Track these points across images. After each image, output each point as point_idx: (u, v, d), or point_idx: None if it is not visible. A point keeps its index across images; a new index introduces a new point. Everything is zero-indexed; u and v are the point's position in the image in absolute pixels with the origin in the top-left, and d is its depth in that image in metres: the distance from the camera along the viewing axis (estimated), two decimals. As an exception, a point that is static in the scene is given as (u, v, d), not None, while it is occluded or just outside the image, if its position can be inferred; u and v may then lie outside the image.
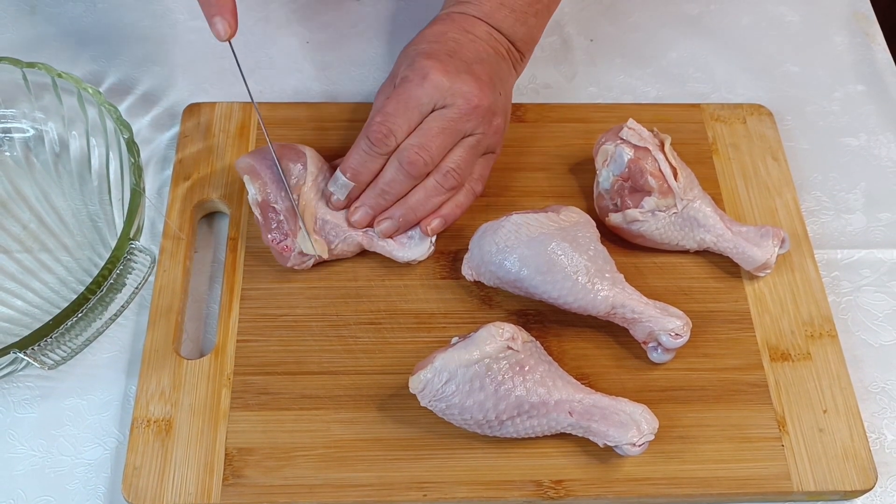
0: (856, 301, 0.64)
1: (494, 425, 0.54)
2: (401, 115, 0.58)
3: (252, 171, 0.60)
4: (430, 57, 0.59)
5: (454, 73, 0.58)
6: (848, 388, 0.59)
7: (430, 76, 0.58)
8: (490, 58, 0.61)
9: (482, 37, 0.62)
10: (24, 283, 0.62)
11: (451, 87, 0.58)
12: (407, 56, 0.61)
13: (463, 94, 0.58)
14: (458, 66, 0.59)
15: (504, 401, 0.53)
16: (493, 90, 0.60)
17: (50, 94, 0.64)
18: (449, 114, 0.58)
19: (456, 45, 0.60)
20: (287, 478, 0.54)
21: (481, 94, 0.59)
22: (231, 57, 0.75)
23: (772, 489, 0.55)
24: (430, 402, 0.54)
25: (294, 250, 0.59)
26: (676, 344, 0.57)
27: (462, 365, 0.53)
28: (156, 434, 0.55)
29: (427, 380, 0.53)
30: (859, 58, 0.77)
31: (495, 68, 0.61)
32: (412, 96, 0.58)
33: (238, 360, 0.58)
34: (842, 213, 0.68)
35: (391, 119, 0.58)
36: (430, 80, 0.58)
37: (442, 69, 0.58)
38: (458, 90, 0.58)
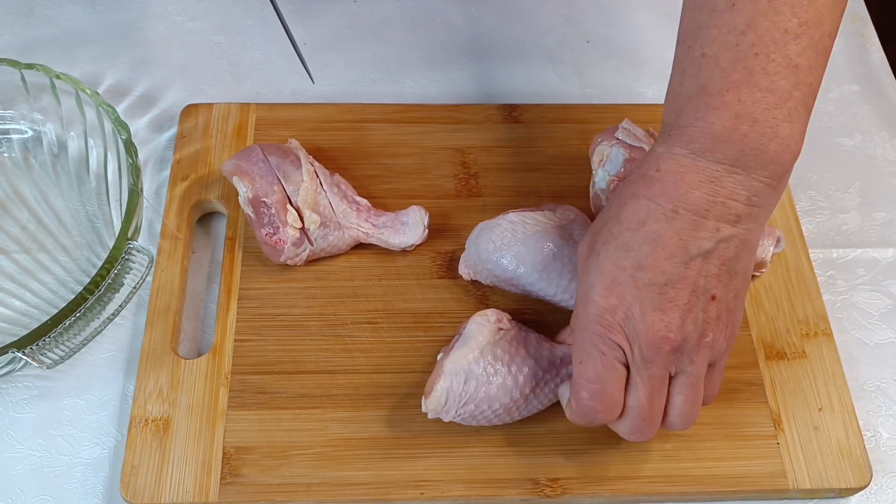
0: (851, 300, 0.64)
1: (521, 404, 0.54)
2: (609, 379, 0.49)
3: (239, 170, 0.61)
4: (610, 293, 0.48)
5: (639, 315, 0.47)
6: (843, 387, 0.59)
7: (611, 324, 0.48)
8: (701, 251, 0.47)
9: (698, 206, 0.46)
10: (22, 284, 0.62)
11: (636, 335, 0.47)
12: (587, 264, 0.49)
13: (651, 342, 0.47)
14: (645, 300, 0.47)
15: (521, 374, 0.54)
16: (690, 313, 0.47)
17: (48, 95, 0.65)
18: (646, 371, 0.48)
19: (650, 252, 0.47)
20: (285, 477, 0.54)
21: (673, 329, 0.47)
22: (228, 58, 0.75)
23: (767, 487, 0.55)
24: (457, 411, 0.53)
25: (287, 242, 0.60)
26: None
27: (471, 360, 0.53)
28: (154, 433, 0.55)
29: (447, 388, 0.53)
30: (854, 58, 0.77)
31: (705, 266, 0.47)
32: (604, 352, 0.48)
33: (236, 359, 0.58)
34: (837, 212, 0.68)
35: (602, 389, 0.49)
36: (612, 330, 0.48)
37: (623, 312, 0.47)
38: (645, 337, 0.47)
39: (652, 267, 0.47)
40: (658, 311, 0.47)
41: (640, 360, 0.48)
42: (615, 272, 0.48)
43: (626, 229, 0.48)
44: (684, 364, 0.49)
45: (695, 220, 0.47)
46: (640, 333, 0.47)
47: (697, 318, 0.48)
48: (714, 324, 0.48)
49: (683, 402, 0.50)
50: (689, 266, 0.47)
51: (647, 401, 0.49)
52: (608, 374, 0.49)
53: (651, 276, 0.47)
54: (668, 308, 0.47)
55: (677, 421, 0.51)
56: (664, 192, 0.47)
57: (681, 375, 0.49)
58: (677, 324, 0.47)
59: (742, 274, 0.49)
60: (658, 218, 0.47)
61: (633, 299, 0.47)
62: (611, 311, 0.48)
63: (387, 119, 0.69)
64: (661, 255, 0.47)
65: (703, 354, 0.49)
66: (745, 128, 0.46)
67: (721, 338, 0.49)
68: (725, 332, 0.49)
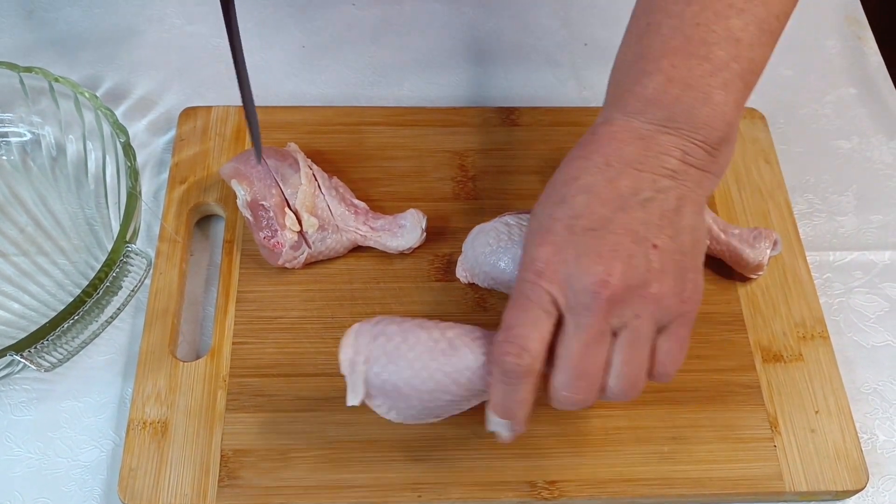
0: (848, 303, 0.64)
1: None
2: (525, 324, 0.46)
3: (237, 173, 0.61)
4: (544, 242, 0.46)
5: (573, 259, 0.45)
6: (840, 389, 0.59)
7: (541, 271, 0.45)
8: (639, 199, 0.46)
9: (631, 159, 0.46)
10: (20, 287, 0.62)
11: (569, 280, 0.45)
12: (528, 230, 0.49)
13: (586, 286, 0.44)
14: (580, 244, 0.45)
15: None
16: (630, 258, 0.45)
17: (47, 98, 0.65)
18: (582, 320, 0.45)
19: (585, 201, 0.46)
20: (283, 479, 0.54)
21: (613, 274, 0.44)
22: (226, 61, 0.75)
23: (764, 489, 0.55)
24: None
25: (285, 245, 0.60)
26: None
27: None
28: (152, 436, 0.55)
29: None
30: (851, 61, 0.78)
31: (644, 214, 0.46)
32: (530, 299, 0.46)
33: (234, 362, 0.58)
34: (834, 215, 0.69)
35: (515, 332, 0.46)
36: (543, 277, 0.45)
37: (556, 258, 0.45)
38: (580, 281, 0.45)
39: (587, 214, 0.46)
40: (595, 255, 0.45)
41: (576, 306, 0.45)
42: (550, 223, 0.47)
43: (562, 186, 0.48)
44: (627, 317, 0.45)
45: (629, 171, 0.46)
46: (575, 277, 0.45)
47: (639, 265, 0.45)
48: (658, 275, 0.45)
49: (623, 362, 0.46)
50: (628, 212, 0.46)
51: (581, 350, 0.45)
52: (525, 317, 0.46)
53: (587, 223, 0.46)
54: (605, 252, 0.45)
55: (615, 383, 0.46)
56: (597, 150, 0.47)
57: (623, 331, 0.46)
58: (618, 269, 0.45)
59: (690, 233, 0.47)
60: (591, 171, 0.47)
61: (568, 245, 0.45)
62: (543, 259, 0.46)
63: (385, 122, 0.69)
64: (595, 203, 0.46)
65: (649, 309, 0.45)
66: (676, 91, 0.47)
67: (670, 294, 0.45)
68: (675, 288, 0.46)
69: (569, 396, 0.47)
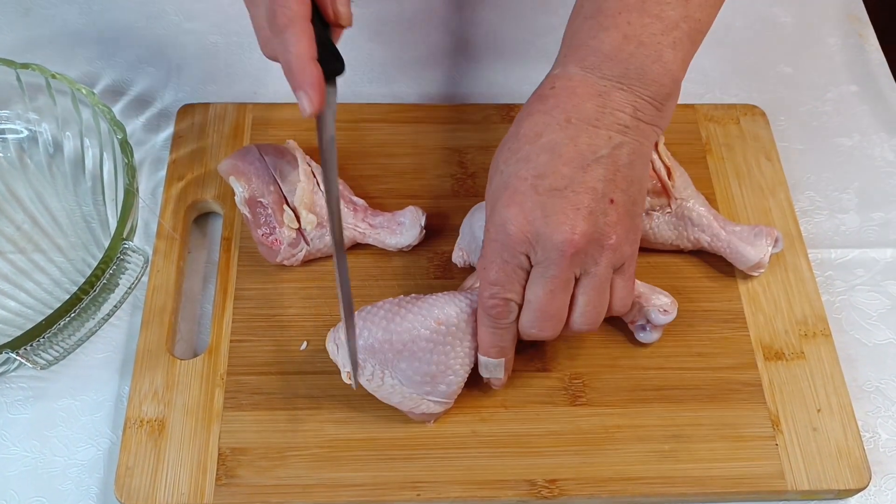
0: (849, 300, 0.64)
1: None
2: (507, 282, 0.51)
3: (235, 169, 0.61)
4: (511, 202, 0.50)
5: (541, 219, 0.49)
6: (842, 388, 0.59)
7: (512, 233, 0.50)
8: (597, 157, 0.50)
9: (589, 116, 0.50)
10: (17, 284, 0.62)
11: (538, 239, 0.50)
12: (492, 184, 0.52)
13: (554, 244, 0.49)
14: (546, 204, 0.49)
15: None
16: (591, 215, 0.50)
17: (44, 95, 0.64)
18: (549, 272, 0.50)
19: (548, 161, 0.50)
20: (280, 478, 0.54)
21: (577, 232, 0.49)
22: (224, 58, 0.74)
23: (766, 488, 0.55)
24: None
25: (283, 242, 0.59)
26: (665, 320, 0.57)
27: None
28: (149, 434, 0.55)
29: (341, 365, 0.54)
30: (852, 58, 0.77)
31: (602, 171, 0.50)
32: (506, 259, 0.51)
33: (231, 360, 0.58)
34: (835, 212, 0.68)
35: (500, 290, 0.51)
36: (514, 238, 0.50)
37: (524, 218, 0.50)
38: (548, 240, 0.49)
39: (551, 174, 0.50)
40: (560, 215, 0.49)
41: (544, 260, 0.50)
42: (516, 183, 0.50)
43: (525, 143, 0.51)
44: (589, 266, 0.51)
45: (587, 129, 0.50)
46: (544, 236, 0.49)
47: (598, 220, 0.50)
48: (615, 227, 0.51)
49: (587, 302, 0.52)
50: (587, 171, 0.50)
51: (548, 297, 0.51)
52: (507, 278, 0.51)
53: (551, 182, 0.49)
54: (569, 211, 0.49)
55: (580, 320, 0.53)
56: (558, 105, 0.51)
57: (585, 277, 0.51)
58: (581, 227, 0.49)
59: (638, 182, 0.52)
60: (553, 129, 0.50)
61: (535, 205, 0.49)
62: (513, 220, 0.50)
63: (384, 119, 0.69)
64: (558, 162, 0.50)
65: (607, 257, 0.51)
66: (631, 48, 0.50)
67: (624, 242, 0.51)
68: (628, 236, 0.52)
69: (536, 333, 0.53)
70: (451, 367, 0.54)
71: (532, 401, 0.57)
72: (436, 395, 0.54)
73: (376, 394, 0.54)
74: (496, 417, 0.56)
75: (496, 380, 0.56)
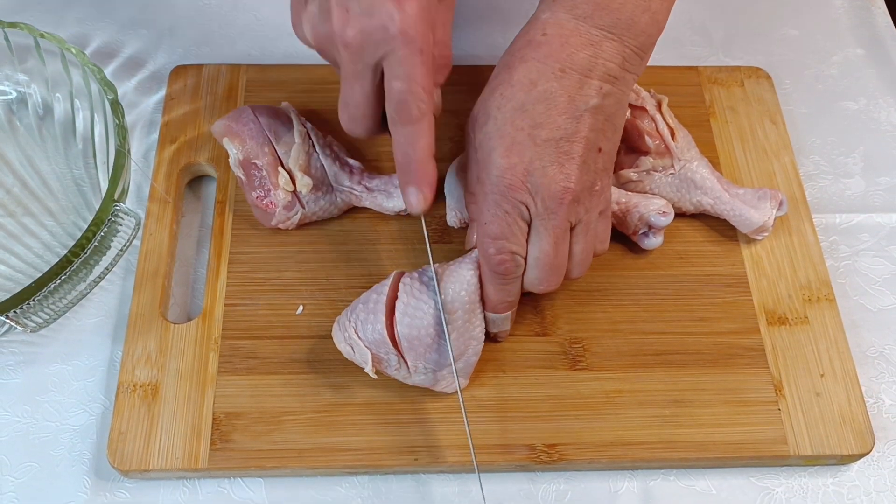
0: (854, 265, 0.63)
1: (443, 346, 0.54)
2: (510, 234, 0.51)
3: (229, 131, 0.59)
4: (510, 152, 0.50)
5: (539, 170, 0.50)
6: (845, 353, 0.58)
7: (512, 183, 0.50)
8: (588, 106, 0.50)
9: (582, 66, 0.50)
10: (7, 248, 0.60)
11: (537, 189, 0.50)
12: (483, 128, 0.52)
13: (553, 194, 0.50)
14: (543, 154, 0.50)
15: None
16: (584, 164, 0.51)
17: (33, 56, 0.63)
18: (550, 222, 0.51)
19: (545, 111, 0.50)
20: (276, 442, 0.53)
21: (573, 181, 0.50)
22: (218, 19, 0.73)
23: (768, 453, 0.54)
24: None
25: (278, 205, 0.58)
26: (665, 221, 0.58)
27: None
28: (142, 399, 0.54)
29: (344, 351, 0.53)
30: (858, 21, 0.76)
31: (592, 120, 0.50)
32: (507, 210, 0.51)
33: (226, 324, 0.57)
34: (840, 177, 0.67)
35: (505, 244, 0.51)
36: (514, 188, 0.50)
37: (523, 169, 0.50)
38: (547, 190, 0.50)
39: (548, 124, 0.50)
40: (557, 165, 0.50)
41: (543, 211, 0.51)
42: (514, 133, 0.50)
43: (519, 91, 0.50)
44: (581, 214, 0.52)
45: (580, 78, 0.50)
46: (542, 186, 0.50)
47: (590, 168, 0.51)
48: (602, 174, 0.52)
49: (582, 250, 0.53)
50: (580, 120, 0.50)
51: (553, 249, 0.52)
52: (510, 230, 0.51)
53: (548, 133, 0.50)
54: (565, 161, 0.50)
55: (576, 268, 0.54)
56: (552, 54, 0.50)
57: (578, 225, 0.52)
58: (576, 175, 0.50)
59: (619, 130, 0.53)
60: (548, 78, 0.50)
61: (533, 156, 0.50)
62: (511, 170, 0.50)
63: (381, 81, 0.67)
64: (554, 112, 0.50)
65: (595, 203, 0.52)
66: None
67: (607, 187, 0.53)
68: (610, 182, 0.54)
69: (544, 287, 0.53)
70: (474, 337, 0.54)
71: (532, 365, 0.56)
72: (465, 367, 0.54)
73: (405, 380, 0.54)
74: (495, 382, 0.56)
75: (503, 332, 0.56)
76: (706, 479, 0.55)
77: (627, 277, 0.60)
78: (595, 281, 0.59)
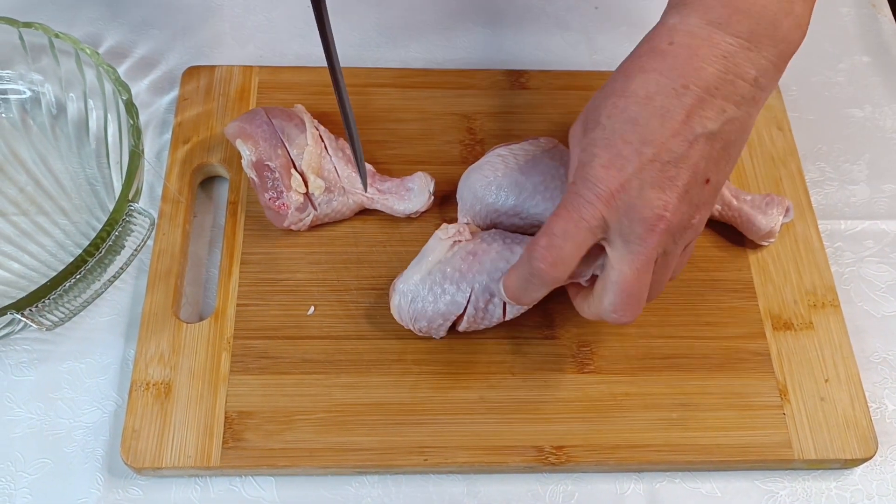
0: (858, 272, 0.64)
1: (482, 315, 0.55)
2: (570, 242, 0.47)
3: (243, 132, 0.60)
4: (611, 165, 0.46)
5: (637, 189, 0.45)
6: (850, 358, 0.58)
7: (602, 194, 0.46)
8: (706, 131, 0.45)
9: (708, 84, 0.45)
10: (20, 246, 0.61)
11: (628, 209, 0.46)
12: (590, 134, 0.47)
13: (644, 218, 0.46)
14: (645, 175, 0.45)
15: (471, 290, 0.54)
16: (686, 195, 0.46)
17: (47, 55, 0.63)
18: (635, 247, 0.46)
19: (658, 128, 0.45)
20: (287, 441, 0.54)
21: (670, 210, 0.46)
22: (230, 20, 0.73)
23: (773, 457, 0.55)
24: (417, 327, 0.55)
25: (291, 207, 0.59)
26: None
27: (417, 281, 0.55)
28: (155, 397, 0.55)
29: (397, 306, 0.55)
30: (865, 29, 0.76)
31: (707, 148, 0.46)
32: (584, 217, 0.46)
33: (238, 323, 0.57)
34: (846, 183, 0.68)
35: (561, 245, 0.47)
36: (603, 200, 0.46)
37: (620, 185, 0.46)
38: (638, 213, 0.46)
39: (658, 143, 0.45)
40: (657, 189, 0.46)
41: (629, 234, 0.46)
42: (620, 145, 0.46)
43: (634, 103, 0.46)
44: (669, 245, 0.47)
45: (703, 97, 0.45)
46: (635, 208, 0.46)
47: (691, 200, 0.46)
48: (703, 207, 0.48)
49: (659, 281, 0.49)
50: (693, 146, 0.45)
51: (635, 277, 0.47)
52: (571, 232, 0.47)
53: (655, 152, 0.45)
54: (667, 187, 0.46)
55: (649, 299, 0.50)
56: (676, 67, 0.45)
57: (661, 257, 0.48)
58: (674, 204, 0.46)
59: (734, 162, 0.48)
60: (668, 93, 0.45)
61: (634, 174, 0.46)
62: (607, 182, 0.46)
63: (392, 84, 0.68)
64: (667, 132, 0.45)
65: (687, 237, 0.48)
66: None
67: (704, 221, 0.49)
68: (707, 214, 0.49)
69: (618, 318, 0.49)
70: None
71: (540, 368, 0.57)
72: None
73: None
74: (504, 384, 0.56)
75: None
76: (711, 481, 0.56)
77: (635, 281, 0.60)
78: (603, 285, 0.60)
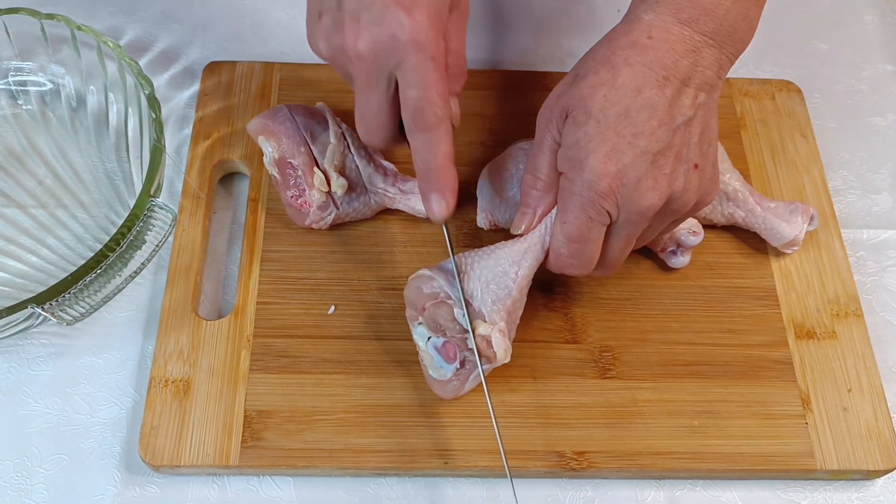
0: (881, 281, 0.63)
1: None
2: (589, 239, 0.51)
3: (265, 129, 0.59)
4: (609, 159, 0.49)
5: (633, 181, 0.49)
6: (873, 368, 0.58)
7: (604, 191, 0.49)
8: (685, 118, 0.49)
9: (683, 75, 0.49)
10: (39, 240, 0.61)
11: (626, 201, 0.49)
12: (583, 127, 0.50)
13: (640, 209, 0.50)
14: (640, 166, 0.49)
15: None
16: (676, 181, 0.50)
17: (68, 47, 0.63)
18: (626, 230, 0.51)
19: (646, 120, 0.49)
20: (307, 441, 0.53)
21: (662, 198, 0.50)
22: (251, 16, 0.72)
23: (795, 466, 0.54)
24: None
25: (313, 205, 0.58)
26: (695, 241, 0.58)
27: None
28: (174, 394, 0.54)
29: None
30: (888, 37, 0.76)
31: (687, 134, 0.50)
32: (591, 216, 0.50)
33: (258, 322, 0.57)
34: (868, 192, 0.67)
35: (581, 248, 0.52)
36: (604, 195, 0.49)
37: (619, 179, 0.49)
38: (636, 204, 0.49)
39: (648, 135, 0.49)
40: (650, 179, 0.49)
41: (625, 221, 0.50)
42: (615, 140, 0.49)
43: (625, 96, 0.49)
44: (657, 223, 0.52)
45: (681, 88, 0.49)
46: (633, 200, 0.49)
47: (680, 185, 0.50)
48: (693, 192, 0.51)
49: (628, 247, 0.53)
50: (676, 133, 0.49)
51: (619, 252, 0.53)
52: (591, 236, 0.51)
53: (647, 144, 0.49)
54: (658, 176, 0.49)
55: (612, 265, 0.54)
56: (658, 60, 0.49)
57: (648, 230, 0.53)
58: (665, 191, 0.50)
59: (714, 143, 0.52)
60: (652, 85, 0.49)
61: (630, 166, 0.49)
62: (607, 177, 0.49)
63: (414, 83, 0.67)
64: (654, 123, 0.49)
65: (672, 217, 0.52)
66: (728, 3, 0.50)
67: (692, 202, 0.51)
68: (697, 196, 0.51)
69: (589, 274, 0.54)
70: None
71: (561, 373, 0.57)
72: None
73: None
74: (525, 388, 0.56)
75: None
76: (732, 490, 0.55)
77: (657, 287, 0.60)
78: (625, 290, 0.60)
